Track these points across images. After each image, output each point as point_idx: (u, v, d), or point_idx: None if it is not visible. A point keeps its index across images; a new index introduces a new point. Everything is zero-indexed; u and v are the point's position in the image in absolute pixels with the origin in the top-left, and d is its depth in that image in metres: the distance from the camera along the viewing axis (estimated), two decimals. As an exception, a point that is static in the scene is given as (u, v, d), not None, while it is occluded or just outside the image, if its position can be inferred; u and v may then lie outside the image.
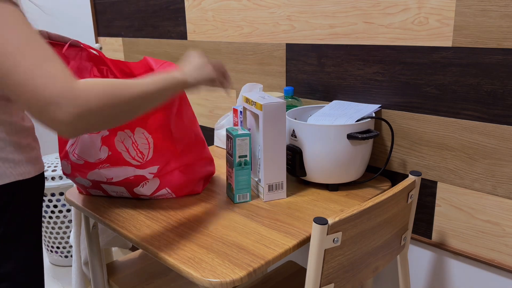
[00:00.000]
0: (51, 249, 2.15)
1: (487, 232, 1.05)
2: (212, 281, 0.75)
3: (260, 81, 1.47)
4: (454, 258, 1.14)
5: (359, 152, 1.07)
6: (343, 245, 0.81)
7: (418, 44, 1.06)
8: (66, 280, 2.05)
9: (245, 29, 1.45)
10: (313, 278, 0.79)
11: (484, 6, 0.94)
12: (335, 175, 1.08)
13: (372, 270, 0.93)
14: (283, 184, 1.04)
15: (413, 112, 1.11)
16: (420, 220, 1.17)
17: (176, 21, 1.70)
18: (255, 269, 0.78)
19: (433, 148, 1.09)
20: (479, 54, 0.97)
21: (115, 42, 2.05)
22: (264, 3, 1.36)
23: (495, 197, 1.02)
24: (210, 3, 1.54)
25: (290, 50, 1.34)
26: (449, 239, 1.12)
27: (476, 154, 1.03)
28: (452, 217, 1.10)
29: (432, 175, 1.11)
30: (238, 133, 0.99)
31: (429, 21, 1.03)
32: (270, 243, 0.86)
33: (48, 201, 1.99)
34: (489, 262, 1.06)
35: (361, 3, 1.13)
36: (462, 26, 0.98)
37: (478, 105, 1.00)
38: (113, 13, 2.00)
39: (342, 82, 1.23)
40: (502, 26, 0.93)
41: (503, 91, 0.95)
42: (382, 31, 1.12)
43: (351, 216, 0.79)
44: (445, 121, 1.06)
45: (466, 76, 1.00)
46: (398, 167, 1.18)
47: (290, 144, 1.11)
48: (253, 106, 1.01)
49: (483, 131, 1.00)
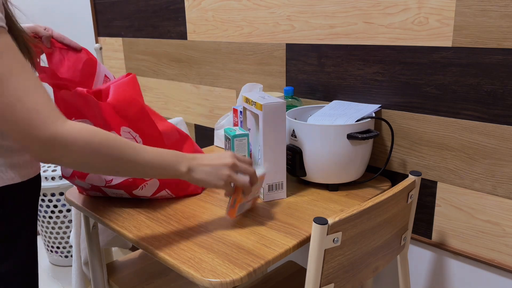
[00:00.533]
0: (51, 249, 2.15)
1: (487, 232, 1.05)
2: (212, 281, 0.75)
3: (260, 81, 1.46)
4: (454, 258, 1.14)
5: (359, 152, 1.07)
6: (343, 245, 0.81)
7: (418, 44, 1.06)
8: (66, 280, 2.05)
9: (245, 29, 1.45)
10: (313, 278, 0.79)
11: (484, 6, 0.94)
12: (335, 175, 1.08)
13: (372, 270, 0.93)
14: (283, 184, 1.04)
15: (413, 112, 1.11)
16: (420, 220, 1.17)
17: (176, 21, 1.70)
18: (255, 269, 0.78)
19: (433, 148, 1.09)
20: (479, 54, 0.97)
21: (115, 42, 2.05)
22: (264, 3, 1.36)
23: (495, 197, 1.02)
24: (210, 3, 1.54)
25: (290, 50, 1.34)
26: (449, 239, 1.12)
27: (476, 154, 1.03)
28: (452, 217, 1.10)
29: (432, 175, 1.11)
30: (236, 134, 0.99)
31: (429, 21, 1.03)
32: (270, 243, 0.86)
33: (48, 201, 1.99)
34: (489, 262, 1.06)
35: (361, 3, 1.13)
36: (462, 26, 0.98)
37: (478, 105, 1.00)
38: (113, 13, 2.00)
39: (342, 82, 1.23)
40: (502, 26, 0.93)
41: (503, 91, 0.95)
42: (382, 31, 1.12)
43: (351, 216, 0.79)
44: (445, 121, 1.06)
45: (466, 76, 1.00)
46: (398, 167, 1.17)
47: (290, 144, 1.11)
48: (253, 106, 1.01)
49: (483, 131, 1.00)
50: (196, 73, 1.70)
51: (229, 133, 1.00)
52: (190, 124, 1.81)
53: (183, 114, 1.83)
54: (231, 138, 0.98)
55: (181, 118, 1.60)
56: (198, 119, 1.77)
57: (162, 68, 1.85)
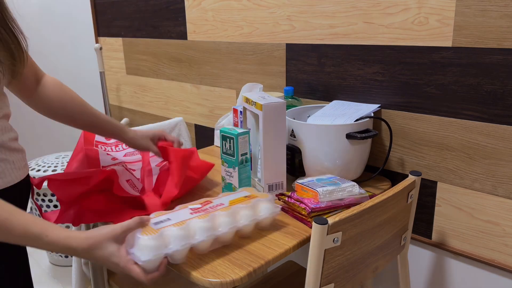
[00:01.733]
0: (51, 249, 2.15)
1: (487, 232, 1.05)
2: (212, 281, 0.74)
3: (260, 81, 1.46)
4: (454, 258, 1.14)
5: (357, 152, 1.07)
6: (343, 245, 0.80)
7: (418, 44, 1.06)
8: (66, 280, 2.04)
9: (245, 29, 1.45)
10: (313, 278, 0.79)
11: (484, 6, 0.94)
12: (334, 174, 1.07)
13: (372, 270, 0.92)
14: (283, 184, 1.04)
15: (413, 112, 1.11)
16: (420, 220, 1.16)
17: (176, 21, 1.70)
18: (255, 269, 0.78)
19: (433, 148, 1.09)
20: (479, 54, 0.97)
21: (115, 42, 2.05)
22: (264, 3, 1.36)
23: (495, 197, 1.02)
24: (210, 3, 1.54)
25: (290, 50, 1.34)
26: (449, 239, 1.12)
27: (476, 154, 1.02)
28: (452, 217, 1.10)
29: (432, 175, 1.11)
30: (239, 132, 0.99)
31: (429, 21, 1.03)
32: (270, 243, 0.86)
33: (48, 201, 1.99)
34: (490, 262, 1.06)
35: (361, 3, 1.13)
36: (462, 26, 0.98)
37: (478, 105, 0.99)
38: (113, 13, 2.00)
39: (342, 82, 1.23)
40: (502, 26, 0.92)
41: (503, 91, 0.95)
42: (382, 31, 1.11)
43: (351, 216, 0.79)
44: (445, 121, 1.05)
45: (466, 76, 1.00)
46: (398, 167, 1.17)
47: (289, 144, 1.11)
48: (253, 106, 1.01)
49: (483, 131, 1.00)
50: (196, 73, 1.70)
51: (232, 132, 1.00)
52: (190, 124, 1.81)
53: (183, 114, 1.83)
54: (235, 137, 0.99)
55: (181, 118, 1.60)
56: (198, 119, 1.76)
57: (162, 68, 1.85)
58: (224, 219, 0.81)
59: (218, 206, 0.85)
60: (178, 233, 0.74)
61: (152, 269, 0.72)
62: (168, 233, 0.74)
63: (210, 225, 0.79)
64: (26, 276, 0.91)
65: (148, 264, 0.71)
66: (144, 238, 0.71)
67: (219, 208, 0.84)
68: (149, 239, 0.71)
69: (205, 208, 0.84)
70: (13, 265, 0.87)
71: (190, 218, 0.79)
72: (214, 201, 0.88)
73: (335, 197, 0.93)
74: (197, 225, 0.78)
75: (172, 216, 0.81)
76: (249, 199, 0.89)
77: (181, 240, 0.74)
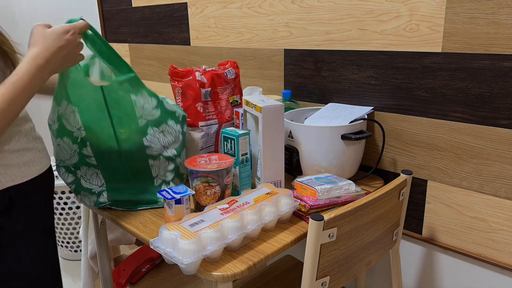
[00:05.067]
0: (61, 244, 2.15)
1: (474, 228, 1.05)
2: (214, 274, 0.75)
3: (260, 84, 1.46)
4: (443, 253, 1.14)
5: (352, 152, 1.07)
6: (338, 240, 0.81)
7: (409, 50, 1.06)
8: (76, 273, 2.05)
9: (245, 35, 1.45)
10: (309, 271, 0.79)
11: (472, 14, 0.94)
12: (330, 173, 1.07)
13: (365, 264, 0.92)
14: (282, 182, 1.04)
15: (405, 114, 1.11)
16: (411, 216, 1.17)
17: (180, 27, 1.70)
18: (255, 263, 0.78)
19: (424, 148, 1.09)
20: (467, 59, 0.97)
21: (122, 47, 2.05)
22: (264, 10, 1.36)
23: (482, 195, 1.02)
24: (212, 11, 1.54)
25: (288, 55, 1.34)
26: (438, 234, 1.12)
27: (464, 154, 1.03)
28: (441, 213, 1.10)
29: (422, 174, 1.11)
30: (240, 133, 0.99)
31: (420, 28, 1.03)
32: (269, 238, 0.86)
33: (59, 199, 1.99)
34: (477, 256, 1.06)
35: (355, 11, 1.13)
36: (451, 33, 0.98)
37: (466, 107, 1.00)
38: (120, 20, 2.00)
39: (338, 86, 1.23)
40: (489, 32, 0.93)
41: (490, 94, 0.95)
42: (375, 38, 1.12)
43: (346, 212, 0.79)
44: (435, 123, 1.06)
45: (455, 80, 1.00)
46: (390, 166, 1.17)
47: (288, 145, 1.11)
48: (253, 108, 1.01)
49: (471, 132, 1.00)
50: (199, 77, 1.70)
51: (233, 133, 1.00)
52: (193, 125, 1.81)
53: (187, 116, 1.83)
54: (236, 138, 0.99)
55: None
56: (201, 120, 1.76)
57: (166, 72, 1.85)
58: (252, 217, 0.84)
59: (245, 205, 0.88)
60: (214, 235, 0.76)
61: (192, 271, 0.75)
62: (205, 235, 0.76)
63: (240, 225, 0.81)
64: (52, 269, 0.91)
65: (190, 266, 0.73)
66: (185, 242, 0.73)
67: (246, 207, 0.87)
68: (189, 244, 0.73)
69: (233, 207, 0.87)
70: (39, 259, 0.87)
71: (222, 219, 0.82)
72: (239, 200, 0.90)
73: (332, 194, 0.93)
74: (229, 225, 0.80)
75: (204, 217, 0.83)
76: (271, 196, 0.92)
77: (217, 241, 0.76)
